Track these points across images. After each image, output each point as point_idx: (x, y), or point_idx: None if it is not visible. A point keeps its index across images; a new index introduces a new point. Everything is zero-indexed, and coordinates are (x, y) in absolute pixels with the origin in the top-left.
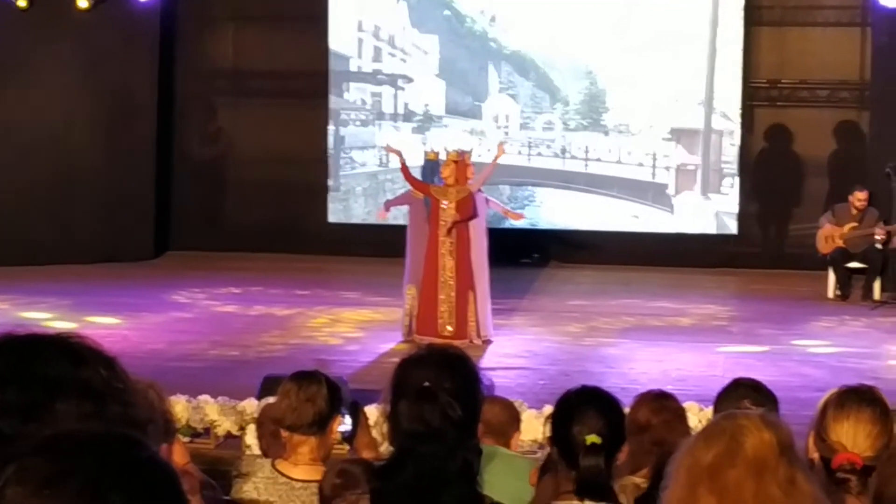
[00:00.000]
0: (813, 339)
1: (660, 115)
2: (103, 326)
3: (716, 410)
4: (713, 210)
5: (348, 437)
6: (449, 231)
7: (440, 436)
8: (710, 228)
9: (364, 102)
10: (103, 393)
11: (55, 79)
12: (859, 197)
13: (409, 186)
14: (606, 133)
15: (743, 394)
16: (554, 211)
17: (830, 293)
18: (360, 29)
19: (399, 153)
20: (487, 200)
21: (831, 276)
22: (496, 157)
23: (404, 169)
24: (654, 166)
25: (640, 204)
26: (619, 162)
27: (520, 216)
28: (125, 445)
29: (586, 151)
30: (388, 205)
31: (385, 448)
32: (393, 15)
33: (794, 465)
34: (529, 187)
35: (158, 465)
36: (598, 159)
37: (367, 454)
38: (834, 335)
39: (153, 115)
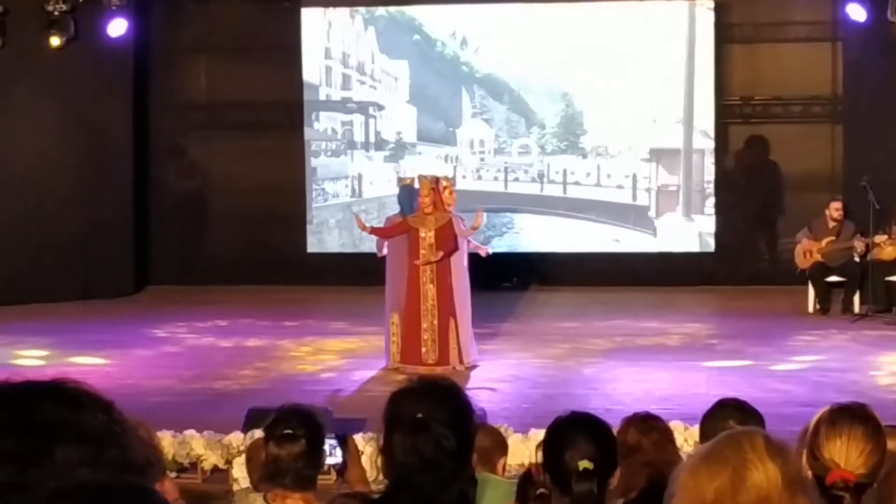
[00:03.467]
0: (795, 355)
1: (639, 136)
2: (85, 364)
3: (701, 432)
4: (696, 231)
5: (339, 470)
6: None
7: (435, 466)
8: (693, 250)
9: (334, 132)
10: (101, 438)
11: (30, 117)
12: (835, 207)
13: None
14: (584, 156)
15: (727, 414)
16: (533, 237)
17: (811, 308)
18: (327, 56)
19: (364, 227)
20: (469, 242)
21: (811, 291)
22: (475, 225)
23: (377, 231)
24: (634, 188)
25: (622, 227)
26: (598, 185)
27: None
28: (134, 494)
29: (564, 175)
30: (376, 233)
31: (375, 479)
32: (361, 41)
33: (797, 498)
34: (507, 214)
35: None
36: (577, 183)
37: (359, 487)
38: (816, 350)
39: (129, 150)
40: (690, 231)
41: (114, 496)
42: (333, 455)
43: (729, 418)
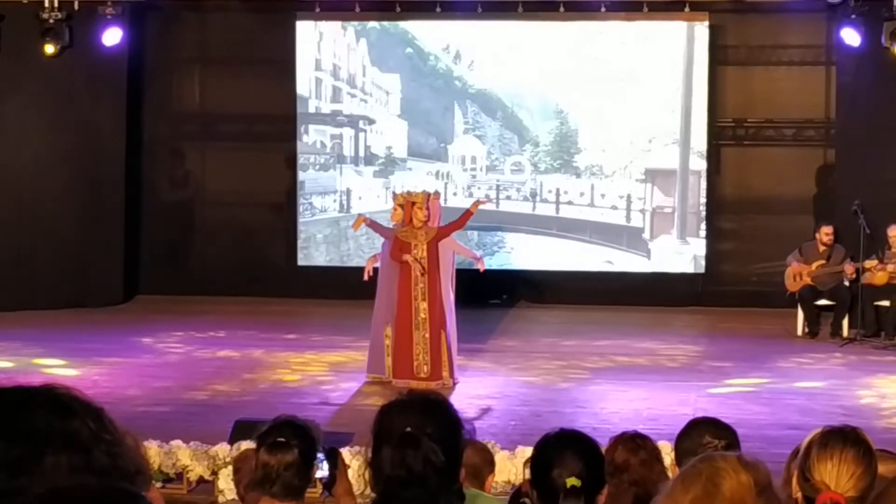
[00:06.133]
0: (782, 377)
1: (634, 156)
2: (73, 372)
3: (676, 451)
4: (691, 254)
5: (327, 484)
6: (422, 274)
7: (423, 481)
8: (687, 272)
9: (323, 145)
10: (91, 445)
11: (23, 124)
12: (826, 232)
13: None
14: (578, 175)
15: (703, 430)
16: (525, 256)
17: (799, 331)
18: (317, 68)
19: (364, 222)
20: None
21: (800, 314)
22: (471, 210)
23: (374, 224)
24: (628, 209)
25: (615, 249)
26: (591, 205)
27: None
28: (124, 500)
29: (557, 194)
30: (373, 227)
31: (362, 493)
32: (352, 53)
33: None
34: (498, 232)
35: None
36: (570, 202)
37: (346, 500)
38: (803, 373)
39: (121, 159)
40: (685, 254)
41: (105, 502)
42: (321, 469)
43: (705, 433)
